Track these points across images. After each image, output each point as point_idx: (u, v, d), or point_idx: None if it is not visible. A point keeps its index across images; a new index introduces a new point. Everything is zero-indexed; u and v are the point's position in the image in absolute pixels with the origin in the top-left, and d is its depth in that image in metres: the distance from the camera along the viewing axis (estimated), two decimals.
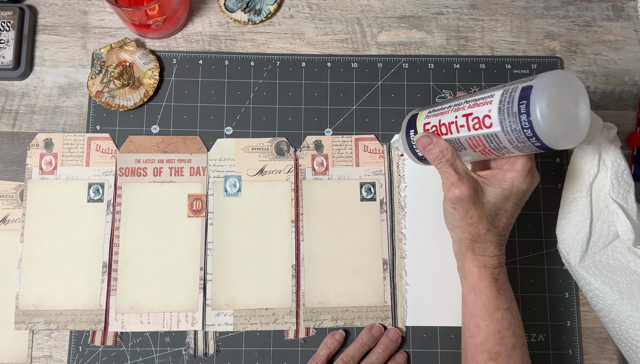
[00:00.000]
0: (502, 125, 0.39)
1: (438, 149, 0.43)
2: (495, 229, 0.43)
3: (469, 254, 0.44)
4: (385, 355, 0.51)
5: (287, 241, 0.54)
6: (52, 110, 0.57)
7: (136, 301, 0.52)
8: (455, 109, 0.43)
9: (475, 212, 0.42)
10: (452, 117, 0.43)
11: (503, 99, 0.39)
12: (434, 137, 0.44)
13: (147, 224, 0.54)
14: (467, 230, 0.43)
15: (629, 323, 0.47)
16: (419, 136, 0.45)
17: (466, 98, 0.43)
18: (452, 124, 0.43)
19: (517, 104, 0.38)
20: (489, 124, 0.40)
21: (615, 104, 0.58)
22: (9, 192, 0.54)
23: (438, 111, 0.45)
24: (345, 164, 0.56)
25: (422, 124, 0.47)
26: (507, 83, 0.40)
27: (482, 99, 0.41)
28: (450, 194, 0.43)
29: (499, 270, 0.44)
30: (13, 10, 0.56)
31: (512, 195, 0.43)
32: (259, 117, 0.57)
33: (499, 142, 0.40)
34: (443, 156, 0.43)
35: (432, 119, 0.46)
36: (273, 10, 0.59)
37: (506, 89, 0.39)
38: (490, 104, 0.40)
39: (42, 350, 0.52)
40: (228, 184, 0.55)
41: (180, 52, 0.58)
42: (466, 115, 0.42)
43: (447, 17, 0.60)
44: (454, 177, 0.42)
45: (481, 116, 0.40)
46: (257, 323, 0.52)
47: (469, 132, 0.42)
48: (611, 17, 0.60)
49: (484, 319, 0.43)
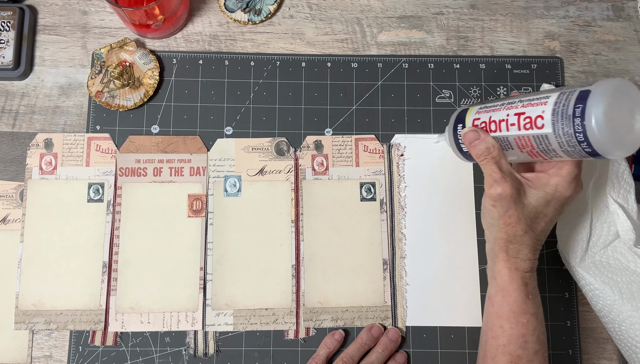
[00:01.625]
0: (554, 127, 0.38)
1: (484, 146, 0.43)
2: (532, 232, 0.42)
3: (502, 254, 0.43)
4: (385, 355, 0.51)
5: (287, 241, 0.54)
6: (52, 110, 0.57)
7: (136, 301, 0.52)
8: (508, 107, 0.42)
9: (514, 212, 0.42)
10: (504, 115, 0.43)
11: (559, 100, 0.38)
12: (481, 133, 0.44)
13: (147, 224, 0.54)
14: (504, 229, 0.43)
15: (629, 323, 0.47)
16: (467, 130, 0.45)
17: (520, 98, 0.42)
18: (502, 122, 0.42)
19: (573, 107, 0.37)
20: (540, 124, 0.39)
21: None
22: (9, 192, 0.54)
23: (490, 107, 0.45)
24: (345, 164, 0.56)
25: (471, 119, 0.46)
26: (566, 86, 0.40)
27: (537, 100, 0.40)
28: (492, 191, 0.42)
29: (530, 275, 0.43)
30: (13, 10, 0.56)
31: (554, 200, 0.42)
32: (259, 117, 0.57)
33: (548, 144, 0.39)
34: (489, 153, 0.43)
35: (483, 115, 0.45)
36: (273, 10, 0.59)
37: (563, 91, 0.39)
38: (545, 105, 0.39)
39: (42, 350, 0.52)
40: (228, 184, 0.55)
41: (180, 52, 0.58)
42: (518, 114, 0.41)
43: (447, 17, 0.60)
44: (498, 175, 0.42)
45: (534, 116, 0.40)
46: (257, 323, 0.52)
47: (518, 131, 0.41)
48: (611, 17, 0.60)
49: (509, 321, 0.43)
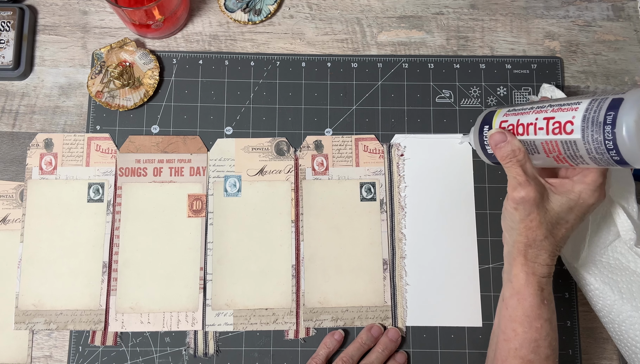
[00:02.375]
0: (583, 133, 0.38)
1: (510, 148, 0.42)
2: (552, 237, 0.42)
3: (520, 258, 0.43)
4: (384, 355, 0.51)
5: (287, 241, 0.54)
6: (52, 110, 0.57)
7: (136, 301, 0.52)
8: (538, 111, 0.42)
9: (536, 217, 0.41)
10: (532, 118, 0.42)
11: (590, 107, 0.38)
12: (508, 135, 0.43)
13: (147, 224, 0.54)
14: (524, 233, 0.42)
15: (629, 323, 0.47)
16: (493, 132, 0.44)
17: (550, 102, 0.42)
18: (530, 126, 0.42)
19: (604, 114, 0.37)
20: (570, 130, 0.39)
21: None
22: (9, 192, 0.54)
23: (518, 110, 0.44)
24: (345, 164, 0.56)
25: (498, 121, 0.46)
26: (598, 93, 0.39)
27: (567, 105, 0.40)
28: (515, 194, 0.42)
29: (546, 280, 0.43)
30: (13, 10, 0.56)
31: (577, 207, 0.42)
32: (259, 117, 0.57)
33: (576, 150, 0.39)
34: (514, 156, 0.42)
35: (510, 118, 0.45)
36: (273, 10, 0.59)
37: (595, 98, 0.38)
38: (576, 111, 0.39)
39: (42, 350, 0.52)
40: (228, 184, 0.55)
41: (180, 52, 0.58)
42: (547, 118, 0.41)
43: (447, 17, 0.60)
44: (522, 178, 0.41)
45: (563, 121, 0.39)
46: (257, 323, 0.52)
47: (546, 136, 0.41)
48: (611, 17, 0.60)
49: (522, 325, 0.43)
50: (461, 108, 0.57)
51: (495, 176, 0.56)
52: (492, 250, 0.54)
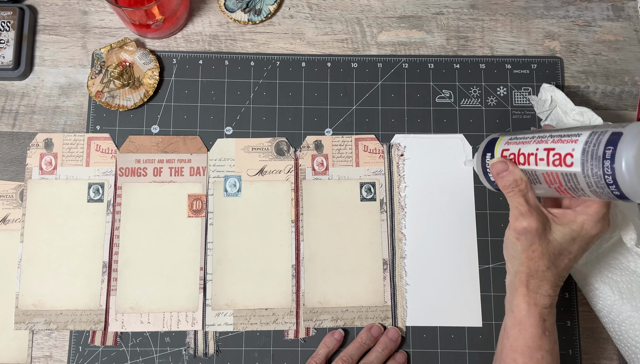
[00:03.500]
0: (583, 166, 0.37)
1: (512, 178, 0.42)
2: (555, 268, 0.42)
3: (522, 288, 0.42)
4: (384, 354, 0.51)
5: (287, 241, 0.54)
6: (52, 110, 0.57)
7: (136, 301, 0.52)
8: (538, 141, 0.42)
9: (538, 247, 0.41)
10: (533, 148, 0.42)
11: (590, 140, 0.37)
12: (510, 165, 0.43)
13: (147, 224, 0.54)
14: (526, 263, 0.42)
15: (629, 323, 0.47)
16: (495, 161, 0.44)
17: (551, 132, 0.41)
18: (531, 156, 0.42)
19: (604, 148, 0.36)
20: (570, 162, 0.38)
21: (615, 104, 0.58)
22: (9, 192, 0.54)
23: (520, 139, 0.44)
24: (345, 164, 0.56)
25: (500, 149, 0.45)
26: (599, 125, 0.39)
27: (567, 136, 0.39)
28: (517, 224, 0.41)
29: (548, 311, 0.43)
30: (13, 10, 0.56)
31: (580, 238, 0.41)
32: (259, 117, 0.57)
33: (576, 183, 0.39)
34: (516, 185, 0.42)
35: (512, 147, 0.44)
36: (273, 10, 0.59)
37: (595, 130, 0.38)
38: (575, 143, 0.38)
39: (42, 350, 0.52)
40: (228, 184, 0.55)
41: (180, 52, 0.58)
42: (548, 149, 0.40)
43: (447, 17, 0.60)
44: (524, 208, 0.41)
45: (563, 153, 0.39)
46: (257, 323, 0.52)
47: (547, 167, 0.40)
48: (611, 17, 0.60)
49: (523, 356, 0.42)
50: (461, 108, 0.57)
51: None
52: (492, 250, 0.54)
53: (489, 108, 0.57)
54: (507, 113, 0.57)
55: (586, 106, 0.51)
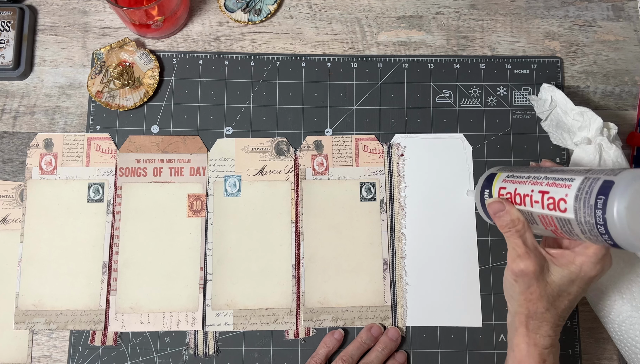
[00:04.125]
0: (576, 213, 0.37)
1: (509, 218, 0.42)
2: (554, 309, 0.41)
3: (522, 329, 0.42)
4: (384, 354, 0.51)
5: (287, 241, 0.54)
6: (52, 110, 0.57)
7: (136, 301, 0.52)
8: (534, 182, 0.41)
9: (536, 290, 0.41)
10: (529, 190, 0.42)
11: (582, 186, 0.37)
12: (506, 205, 0.43)
13: (147, 224, 0.54)
14: (524, 305, 0.42)
15: (629, 323, 0.47)
16: (492, 201, 0.44)
17: (547, 174, 0.41)
18: (527, 197, 0.41)
19: (595, 198, 0.35)
20: (563, 208, 0.38)
21: (615, 104, 0.58)
22: (9, 192, 0.54)
23: (516, 178, 0.44)
24: (345, 164, 0.56)
25: (497, 187, 0.45)
26: (593, 170, 0.38)
27: (561, 180, 0.39)
28: (515, 266, 0.41)
29: (549, 351, 0.42)
30: (13, 10, 0.56)
31: (579, 279, 0.40)
32: (259, 117, 0.57)
33: (571, 228, 0.38)
34: (513, 226, 0.42)
35: (509, 186, 0.44)
36: (273, 10, 0.59)
37: (588, 176, 0.37)
38: (569, 189, 0.38)
39: (42, 350, 0.52)
40: (228, 184, 0.55)
41: (180, 52, 0.58)
42: (542, 192, 0.40)
43: (447, 17, 0.60)
44: (521, 249, 0.41)
45: (557, 198, 0.38)
46: (257, 323, 0.52)
47: (542, 210, 0.40)
48: (611, 17, 0.60)
49: None
50: (461, 108, 0.57)
51: None
52: (492, 250, 0.54)
53: (489, 108, 0.57)
54: (507, 113, 0.57)
55: (586, 106, 0.51)
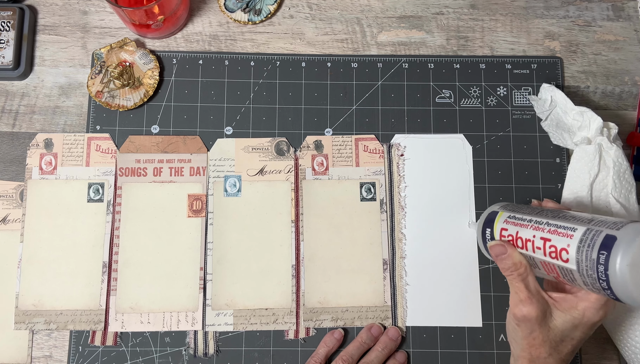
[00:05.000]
0: (578, 265, 0.36)
1: (511, 262, 0.41)
2: (557, 354, 0.41)
3: None
4: (384, 354, 0.50)
5: (287, 241, 0.54)
6: (52, 110, 0.57)
7: (136, 301, 0.52)
8: (535, 227, 0.40)
9: (539, 335, 0.40)
10: (530, 234, 0.41)
11: (584, 238, 0.36)
12: (508, 248, 0.42)
13: (147, 224, 0.54)
14: (527, 350, 0.41)
15: (629, 323, 0.47)
16: (493, 244, 0.43)
17: (549, 219, 0.40)
18: (528, 242, 0.41)
19: (597, 252, 0.35)
20: (565, 258, 0.37)
21: (615, 104, 0.58)
22: (9, 192, 0.54)
23: (518, 220, 0.43)
24: (345, 164, 0.56)
25: (499, 228, 0.44)
26: (595, 219, 0.37)
27: (563, 229, 0.38)
28: (517, 311, 0.41)
29: None
30: (13, 10, 0.56)
31: (582, 325, 0.40)
32: (259, 117, 0.57)
33: (573, 278, 0.37)
34: (515, 269, 0.41)
35: (510, 228, 0.43)
36: (273, 10, 0.59)
37: (590, 228, 0.36)
38: (571, 239, 0.37)
39: (42, 350, 0.52)
40: (228, 184, 0.55)
41: (180, 52, 0.58)
42: (544, 239, 0.39)
43: (447, 17, 0.60)
44: (524, 294, 0.40)
45: (559, 248, 0.38)
46: (257, 323, 0.52)
47: (544, 257, 0.39)
48: (611, 17, 0.60)
49: None
50: (461, 108, 0.57)
51: (496, 176, 0.56)
52: None
53: (489, 108, 0.57)
54: (507, 113, 0.57)
55: (586, 106, 0.51)
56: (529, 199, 0.55)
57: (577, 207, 0.51)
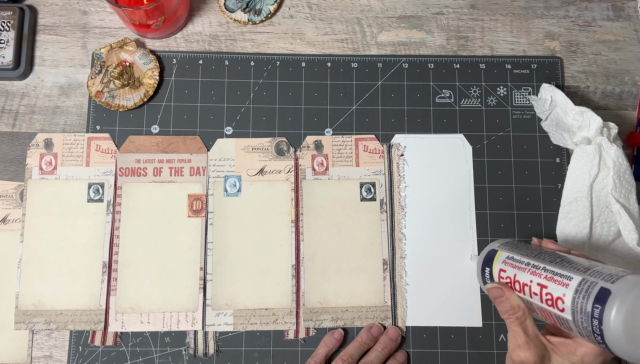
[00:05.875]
0: (574, 316, 0.36)
1: (509, 305, 0.41)
2: None
3: None
4: (384, 354, 0.50)
5: (287, 241, 0.54)
6: (52, 110, 0.57)
7: (136, 301, 0.52)
8: (532, 272, 0.40)
9: None
10: (528, 279, 0.40)
11: (580, 289, 0.36)
12: (506, 291, 0.42)
13: (147, 224, 0.54)
14: None
15: None
16: (491, 287, 0.43)
17: (546, 264, 0.40)
18: (526, 286, 0.40)
19: (592, 305, 0.34)
20: (561, 308, 0.37)
21: (615, 104, 0.58)
22: (9, 192, 0.54)
23: (516, 262, 0.42)
24: (345, 164, 0.56)
25: (497, 268, 0.44)
26: (591, 268, 0.37)
27: (559, 276, 0.38)
28: (515, 356, 0.40)
29: None
30: (13, 10, 0.56)
31: None
32: (259, 117, 0.57)
33: (569, 327, 0.37)
34: (513, 313, 0.41)
35: (509, 269, 0.43)
36: (273, 10, 0.59)
37: (585, 278, 0.36)
38: (566, 288, 0.37)
39: (42, 350, 0.52)
40: (228, 184, 0.55)
41: (180, 52, 0.58)
42: (541, 285, 0.39)
43: (447, 17, 0.60)
44: (522, 339, 0.40)
45: (555, 296, 0.37)
46: (257, 323, 0.52)
47: (541, 303, 0.39)
48: (611, 17, 0.60)
49: None
50: (461, 108, 0.57)
51: (495, 176, 0.56)
52: None
53: (489, 108, 0.57)
54: (507, 113, 0.57)
55: (586, 106, 0.51)
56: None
57: (577, 209, 0.51)
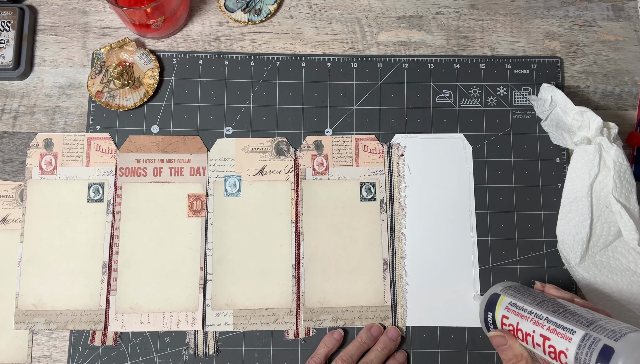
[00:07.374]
0: None
1: (512, 353, 0.41)
2: None
3: None
4: (384, 354, 0.50)
5: (287, 241, 0.54)
6: (52, 110, 0.57)
7: (136, 301, 0.52)
8: (535, 321, 0.40)
9: None
10: (530, 329, 0.40)
11: (583, 345, 0.36)
12: (509, 339, 0.42)
13: (147, 224, 0.54)
14: None
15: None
16: (494, 335, 0.43)
17: (549, 314, 0.40)
18: (528, 336, 0.40)
19: (595, 363, 0.34)
20: (564, 362, 0.37)
21: (615, 104, 0.58)
22: (9, 192, 0.54)
23: (519, 310, 0.42)
24: (345, 164, 0.56)
25: (500, 314, 0.44)
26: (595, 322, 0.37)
27: (562, 329, 0.38)
28: None
29: None
30: (13, 10, 0.56)
31: None
32: (259, 117, 0.57)
33: None
34: (517, 361, 0.41)
35: (511, 317, 0.43)
36: (273, 10, 0.59)
37: (588, 334, 0.36)
38: (569, 342, 0.37)
39: (42, 350, 0.52)
40: (228, 184, 0.55)
41: (180, 52, 0.58)
42: (544, 337, 0.39)
43: (447, 17, 0.60)
44: None
45: (557, 349, 0.37)
46: (257, 323, 0.52)
47: (544, 355, 0.39)
48: (611, 17, 0.60)
49: None
50: (461, 108, 0.57)
51: (495, 176, 0.56)
52: (492, 250, 0.54)
53: (489, 108, 0.57)
54: (507, 113, 0.57)
55: (586, 106, 0.51)
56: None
57: (577, 209, 0.51)
